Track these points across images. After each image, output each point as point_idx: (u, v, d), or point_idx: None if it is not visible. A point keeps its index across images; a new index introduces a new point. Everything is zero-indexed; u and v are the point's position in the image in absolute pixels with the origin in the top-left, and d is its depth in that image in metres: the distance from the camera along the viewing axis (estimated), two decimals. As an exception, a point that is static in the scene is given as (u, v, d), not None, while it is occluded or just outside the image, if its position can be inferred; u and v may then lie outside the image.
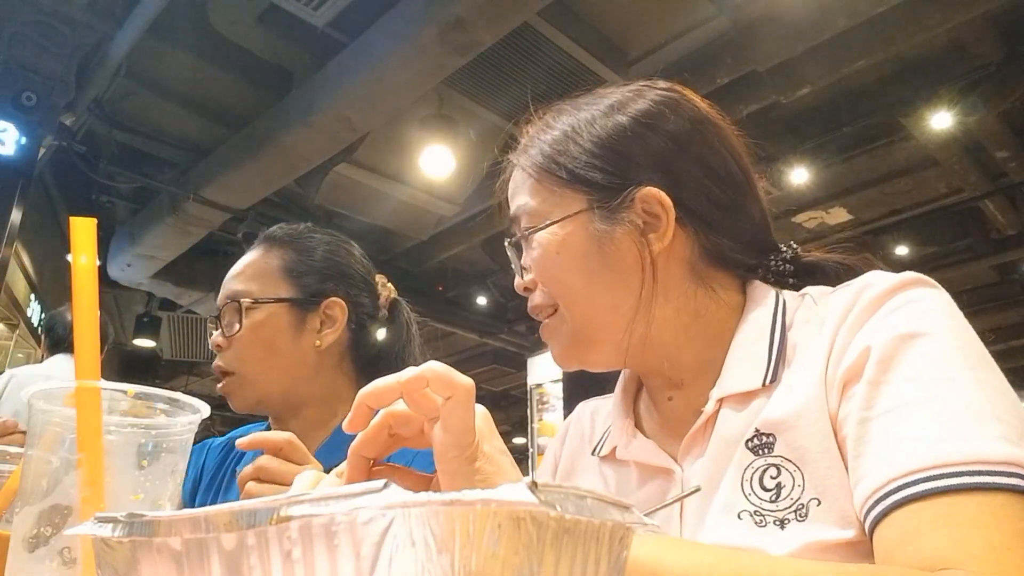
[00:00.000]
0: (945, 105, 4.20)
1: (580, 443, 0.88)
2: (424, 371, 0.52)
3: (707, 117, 0.78)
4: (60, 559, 0.48)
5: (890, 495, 0.54)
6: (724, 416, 0.68)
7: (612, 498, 0.28)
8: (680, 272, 0.74)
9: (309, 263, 1.20)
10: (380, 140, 4.57)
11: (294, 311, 1.16)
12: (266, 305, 1.14)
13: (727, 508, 0.64)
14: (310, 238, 1.23)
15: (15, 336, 6.35)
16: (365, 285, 1.25)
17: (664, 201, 0.71)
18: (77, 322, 0.50)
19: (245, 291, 1.15)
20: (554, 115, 0.80)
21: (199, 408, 0.56)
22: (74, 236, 0.52)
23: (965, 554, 0.49)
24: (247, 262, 1.19)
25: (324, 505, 0.24)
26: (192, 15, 3.77)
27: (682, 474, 0.71)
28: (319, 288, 1.18)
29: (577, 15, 3.77)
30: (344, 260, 1.24)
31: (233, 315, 1.14)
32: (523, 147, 0.80)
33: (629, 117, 0.75)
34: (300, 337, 1.15)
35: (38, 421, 0.51)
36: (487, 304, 7.18)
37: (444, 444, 0.53)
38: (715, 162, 0.75)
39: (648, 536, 0.53)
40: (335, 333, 1.17)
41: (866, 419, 0.58)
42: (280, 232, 1.23)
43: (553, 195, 0.75)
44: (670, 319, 0.73)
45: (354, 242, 1.30)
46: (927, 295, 0.63)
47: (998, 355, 0.61)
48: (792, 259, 0.79)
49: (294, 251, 1.20)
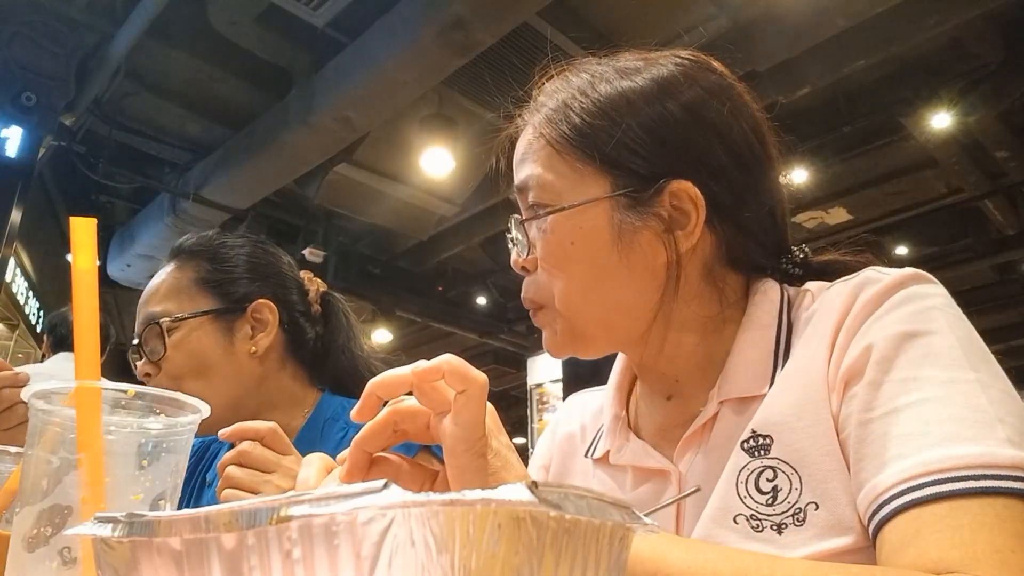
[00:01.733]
0: (945, 105, 4.20)
1: (571, 444, 0.85)
2: (440, 363, 0.52)
3: (750, 110, 0.72)
4: (60, 559, 0.48)
5: (894, 499, 0.53)
6: (723, 418, 0.67)
7: (612, 498, 0.28)
8: (695, 274, 0.69)
9: (226, 269, 1.14)
10: (380, 140, 4.57)
11: (220, 322, 1.10)
12: (188, 321, 1.08)
13: (722, 512, 0.63)
14: (223, 244, 1.17)
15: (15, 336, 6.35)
16: (291, 282, 1.20)
17: (696, 198, 0.66)
18: (77, 322, 0.50)
19: (162, 311, 1.09)
20: (586, 79, 0.71)
21: (199, 408, 0.56)
22: (74, 236, 0.52)
23: (968, 557, 0.49)
24: (159, 281, 1.13)
25: (324, 505, 0.24)
26: (192, 15, 3.77)
27: (679, 476, 0.69)
28: (242, 293, 1.13)
29: (577, 15, 3.77)
30: (263, 260, 1.19)
31: (155, 339, 1.08)
32: (540, 107, 0.72)
33: (680, 106, 0.68)
34: (232, 347, 1.10)
35: (38, 421, 0.51)
36: (487, 304, 7.17)
37: (455, 438, 0.53)
38: (751, 162, 0.70)
39: (651, 534, 0.52)
40: (269, 336, 1.12)
41: (868, 420, 0.57)
42: (190, 243, 1.17)
43: (574, 172, 0.68)
44: (675, 321, 0.70)
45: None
46: (926, 292, 0.62)
47: (998, 355, 0.60)
48: (803, 262, 0.76)
49: (208, 260, 1.14)
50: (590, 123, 0.67)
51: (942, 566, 0.49)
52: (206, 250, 1.16)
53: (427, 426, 0.56)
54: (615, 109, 0.68)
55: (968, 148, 4.77)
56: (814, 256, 0.77)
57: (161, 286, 1.12)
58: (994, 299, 6.72)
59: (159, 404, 0.55)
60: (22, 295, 5.85)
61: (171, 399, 0.55)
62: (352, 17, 3.64)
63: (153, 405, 0.54)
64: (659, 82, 0.69)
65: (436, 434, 0.56)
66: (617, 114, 0.67)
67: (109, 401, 0.51)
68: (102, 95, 4.23)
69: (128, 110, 4.51)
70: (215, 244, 1.17)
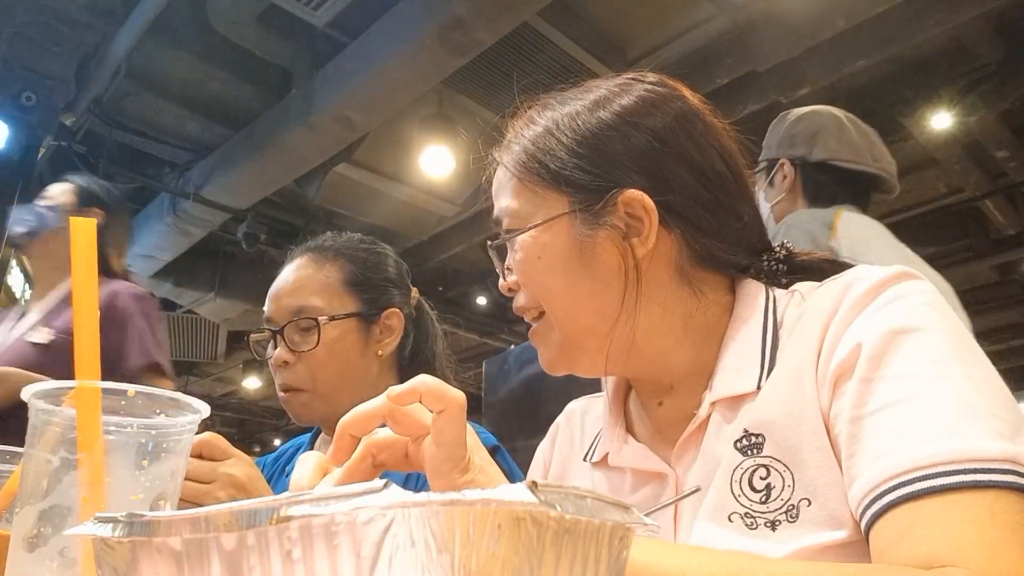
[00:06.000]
0: (945, 105, 4.20)
1: (571, 447, 0.86)
2: (416, 384, 0.52)
3: (696, 113, 0.75)
4: (60, 559, 0.48)
5: (886, 494, 0.53)
6: (716, 419, 0.68)
7: (612, 498, 0.28)
8: (666, 275, 0.72)
9: (367, 275, 1.21)
10: (380, 140, 4.56)
11: (362, 325, 1.17)
12: (340, 321, 1.14)
13: (717, 510, 0.63)
14: (361, 248, 1.24)
15: (15, 336, 6.34)
16: (407, 288, 1.27)
17: (647, 204, 0.69)
18: (77, 322, 0.50)
19: (314, 307, 1.14)
20: (539, 109, 0.77)
21: (199, 408, 0.56)
22: (74, 236, 0.52)
23: (960, 550, 0.49)
24: (302, 276, 1.18)
25: (324, 505, 0.24)
26: (192, 15, 3.77)
27: (676, 478, 0.70)
28: (379, 299, 1.20)
29: (577, 15, 3.77)
30: (394, 268, 1.26)
31: (304, 332, 1.13)
32: (507, 143, 0.77)
33: (612, 114, 0.72)
34: (366, 349, 1.17)
35: (38, 421, 0.51)
36: (487, 304, 7.17)
37: (437, 459, 0.53)
38: (702, 161, 0.72)
39: (645, 540, 0.53)
40: (395, 341, 1.20)
41: (859, 417, 0.58)
42: (330, 243, 1.23)
43: (535, 196, 0.73)
44: (656, 324, 0.71)
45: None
46: (915, 289, 0.63)
47: (998, 355, 0.61)
48: (785, 259, 0.77)
49: (350, 263, 1.20)
50: (541, 148, 0.73)
51: (935, 560, 0.50)
52: (347, 252, 1.22)
53: (405, 455, 0.57)
54: (557, 127, 0.73)
55: (968, 148, 4.77)
56: (796, 253, 0.78)
57: (304, 281, 1.17)
58: (994, 299, 6.71)
59: (159, 404, 0.55)
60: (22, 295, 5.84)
61: (171, 399, 0.55)
62: (352, 17, 3.64)
63: (153, 405, 0.54)
64: (596, 98, 0.74)
65: (416, 460, 0.56)
66: (558, 131, 0.73)
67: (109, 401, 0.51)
68: (102, 95, 4.23)
69: (128, 110, 4.50)
70: (354, 247, 1.24)
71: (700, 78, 3.75)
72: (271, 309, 1.17)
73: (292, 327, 1.14)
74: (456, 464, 0.53)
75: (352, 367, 1.15)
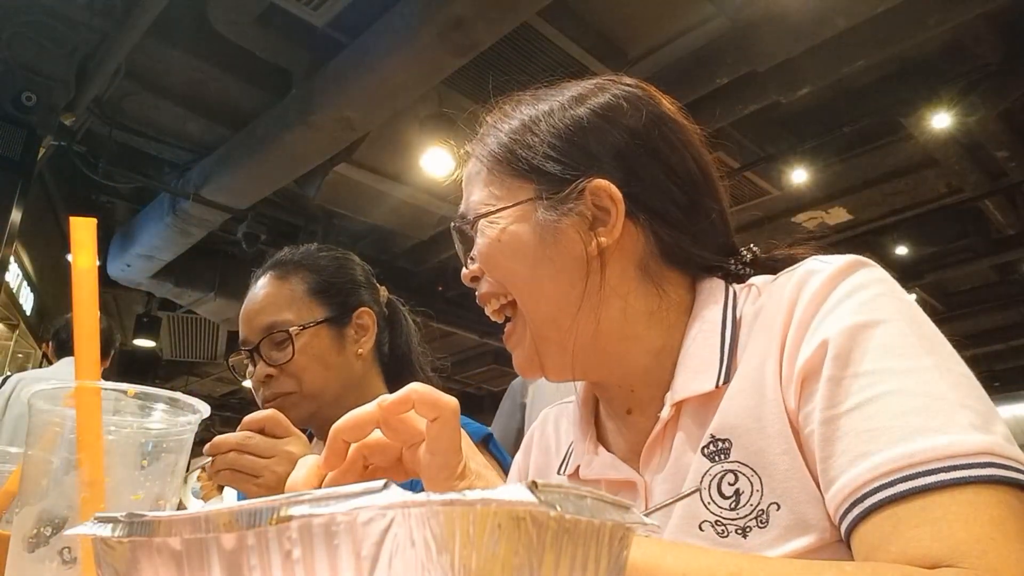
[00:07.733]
0: (945, 105, 4.19)
1: (546, 457, 0.86)
2: (408, 393, 0.52)
3: (669, 115, 0.76)
4: (60, 559, 0.48)
5: (867, 497, 0.53)
6: (683, 423, 0.67)
7: (612, 498, 0.28)
8: (630, 269, 0.72)
9: (331, 280, 1.25)
10: (380, 140, 4.56)
11: (332, 329, 1.21)
12: (312, 329, 1.19)
13: (688, 520, 0.63)
14: (321, 256, 1.29)
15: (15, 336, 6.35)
16: (374, 288, 1.32)
17: (614, 194, 0.69)
18: (77, 322, 0.50)
19: (284, 320, 1.19)
20: (513, 105, 0.78)
21: (199, 408, 0.56)
22: (74, 236, 0.52)
23: (951, 549, 0.49)
24: (268, 293, 1.23)
25: (324, 505, 0.24)
26: (192, 15, 3.77)
27: (645, 485, 0.69)
28: (347, 301, 1.24)
29: (577, 15, 3.76)
30: (356, 270, 1.31)
31: (279, 345, 1.18)
32: (480, 137, 0.79)
33: (588, 109, 0.73)
34: (343, 350, 1.22)
35: (38, 421, 0.51)
36: (487, 304, 7.16)
37: (432, 466, 0.53)
38: (673, 161, 0.73)
39: (645, 540, 0.52)
40: (370, 340, 1.24)
41: (831, 418, 0.57)
42: (289, 257, 1.28)
43: (503, 185, 0.74)
44: (618, 320, 0.71)
45: (349, 249, 1.36)
46: (871, 278, 0.62)
47: (998, 355, 0.61)
48: (752, 262, 0.77)
49: (312, 272, 1.25)
50: (511, 138, 0.74)
51: (928, 561, 0.50)
52: (307, 262, 1.27)
53: (398, 460, 0.56)
54: (532, 121, 0.74)
55: (968, 148, 4.77)
56: (764, 256, 0.78)
57: (271, 298, 1.22)
58: (994, 299, 6.71)
59: (159, 404, 0.55)
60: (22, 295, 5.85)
61: (171, 399, 0.55)
62: (352, 17, 3.64)
63: (153, 405, 0.54)
64: (573, 95, 0.76)
65: (411, 467, 0.56)
66: (533, 125, 0.74)
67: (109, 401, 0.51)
68: (102, 95, 4.23)
69: (128, 110, 4.50)
70: (319, 256, 1.29)
71: (700, 78, 3.75)
72: (244, 331, 1.22)
73: (267, 343, 1.18)
74: (452, 471, 0.53)
75: (333, 369, 1.20)
